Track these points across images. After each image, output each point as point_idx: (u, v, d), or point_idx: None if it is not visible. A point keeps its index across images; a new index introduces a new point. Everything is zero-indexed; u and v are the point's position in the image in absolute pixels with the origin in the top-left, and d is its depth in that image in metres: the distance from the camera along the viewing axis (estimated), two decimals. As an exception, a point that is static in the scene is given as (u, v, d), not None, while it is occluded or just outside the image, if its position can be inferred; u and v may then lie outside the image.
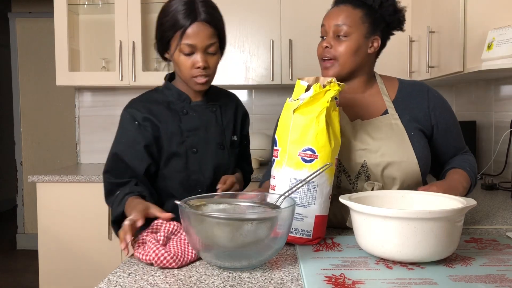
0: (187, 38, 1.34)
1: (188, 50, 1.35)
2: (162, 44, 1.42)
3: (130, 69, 2.96)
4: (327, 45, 1.34)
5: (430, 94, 1.40)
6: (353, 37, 1.33)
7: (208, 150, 1.47)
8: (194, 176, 1.45)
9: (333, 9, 1.38)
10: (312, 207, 1.14)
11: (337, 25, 1.33)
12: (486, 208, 1.66)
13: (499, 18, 2.01)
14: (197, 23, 1.34)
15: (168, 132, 1.43)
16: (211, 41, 1.36)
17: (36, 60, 4.72)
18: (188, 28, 1.33)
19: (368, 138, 1.32)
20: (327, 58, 1.35)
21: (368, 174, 1.30)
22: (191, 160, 1.44)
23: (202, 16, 1.34)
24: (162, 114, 1.44)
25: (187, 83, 1.43)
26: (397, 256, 0.99)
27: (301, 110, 1.15)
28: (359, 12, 1.34)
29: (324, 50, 1.35)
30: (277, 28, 2.88)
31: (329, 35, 1.35)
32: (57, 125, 4.72)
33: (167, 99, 1.48)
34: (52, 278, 2.70)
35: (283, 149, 1.16)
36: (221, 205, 1.08)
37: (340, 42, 1.33)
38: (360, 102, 1.39)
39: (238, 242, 0.95)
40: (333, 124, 1.16)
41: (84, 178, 2.66)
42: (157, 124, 1.43)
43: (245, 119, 1.64)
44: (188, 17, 1.33)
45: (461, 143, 1.47)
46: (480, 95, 2.71)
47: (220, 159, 1.49)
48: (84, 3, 3.19)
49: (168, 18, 1.36)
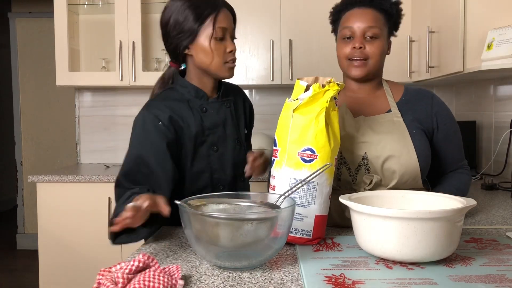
0: (220, 22, 1.36)
1: (221, 34, 1.37)
2: (183, 40, 1.37)
3: (130, 69, 2.96)
4: (360, 46, 1.36)
5: (434, 100, 1.43)
6: (381, 39, 1.38)
7: (227, 147, 1.46)
8: (216, 175, 1.44)
9: (356, 11, 1.39)
10: (312, 207, 1.14)
11: (370, 27, 1.36)
12: (486, 208, 1.66)
13: (499, 18, 2.01)
14: (224, 9, 1.39)
15: (192, 132, 1.39)
16: (234, 26, 1.43)
17: (36, 60, 4.72)
18: (219, 13, 1.37)
19: (370, 131, 1.35)
20: (358, 59, 1.37)
21: (368, 167, 1.32)
22: (212, 159, 1.43)
23: (225, 4, 1.41)
24: (184, 114, 1.39)
25: (217, 72, 1.39)
26: (397, 256, 0.99)
27: (301, 110, 1.15)
28: (382, 16, 1.39)
29: (354, 51, 1.37)
30: (277, 28, 2.89)
31: (357, 36, 1.37)
32: (57, 125, 4.72)
33: (185, 97, 1.43)
34: (52, 278, 2.70)
35: (282, 149, 1.16)
36: (221, 205, 1.08)
37: (371, 43, 1.37)
38: (365, 101, 1.43)
39: (238, 242, 0.95)
40: (332, 124, 1.16)
41: (84, 178, 2.66)
42: (181, 124, 1.38)
43: (252, 110, 1.65)
44: (215, 4, 1.37)
45: (459, 155, 1.48)
46: (480, 95, 2.71)
47: (237, 155, 1.48)
48: (84, 3, 3.19)
49: (188, 12, 1.36)
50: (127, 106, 3.35)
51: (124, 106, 3.35)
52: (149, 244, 1.21)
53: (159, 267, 0.92)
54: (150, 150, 1.33)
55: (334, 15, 1.47)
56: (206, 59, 1.38)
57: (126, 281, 0.87)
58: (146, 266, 0.92)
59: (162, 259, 1.08)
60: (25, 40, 4.72)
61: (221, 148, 1.44)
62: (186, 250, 1.15)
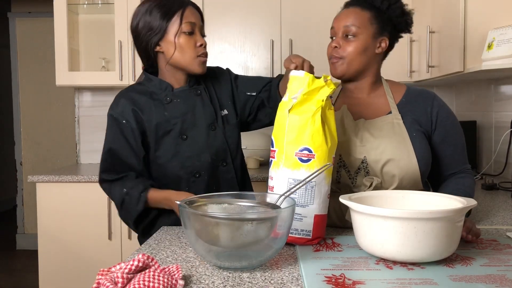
0: (187, 17, 1.43)
1: (190, 29, 1.43)
2: (153, 37, 1.44)
3: (130, 69, 2.95)
4: (336, 45, 1.38)
5: (435, 102, 1.41)
6: (361, 37, 1.36)
7: (198, 133, 1.48)
8: (188, 162, 1.47)
9: (342, 12, 1.42)
10: (311, 206, 1.14)
11: (346, 26, 1.36)
12: (486, 208, 1.66)
13: (499, 18, 2.01)
14: (190, 6, 1.46)
15: (153, 123, 1.45)
16: (202, 23, 1.49)
17: (36, 60, 4.72)
18: (186, 9, 1.44)
19: (370, 136, 1.34)
20: (335, 58, 1.38)
21: (367, 170, 1.31)
22: (183, 147, 1.46)
23: (190, 2, 1.48)
24: (146, 105, 1.47)
25: (189, 66, 1.45)
26: (397, 256, 0.98)
27: (296, 109, 1.15)
28: (368, 14, 1.37)
29: (333, 50, 1.39)
30: (277, 28, 2.88)
31: (338, 35, 1.39)
32: (57, 125, 4.72)
33: (149, 90, 1.50)
34: (52, 278, 2.70)
35: (279, 150, 1.16)
36: (221, 205, 1.08)
37: (348, 42, 1.37)
38: (365, 102, 1.42)
39: (238, 242, 0.95)
40: (329, 123, 1.16)
41: (84, 178, 2.66)
42: (141, 116, 1.45)
43: (227, 78, 1.61)
44: (181, 1, 1.45)
45: (461, 158, 1.43)
46: (480, 95, 2.71)
47: (213, 140, 1.50)
48: (84, 3, 3.19)
49: (155, 11, 1.43)
50: (127, 106, 3.34)
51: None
52: (149, 244, 1.21)
53: (159, 267, 0.92)
54: (117, 144, 1.46)
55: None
56: (177, 54, 1.43)
57: (126, 281, 0.87)
58: (146, 266, 0.91)
59: (162, 259, 1.08)
60: (25, 40, 4.72)
61: (191, 135, 1.47)
62: (186, 250, 1.15)
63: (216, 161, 1.50)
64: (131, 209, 1.43)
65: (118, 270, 0.89)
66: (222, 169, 1.52)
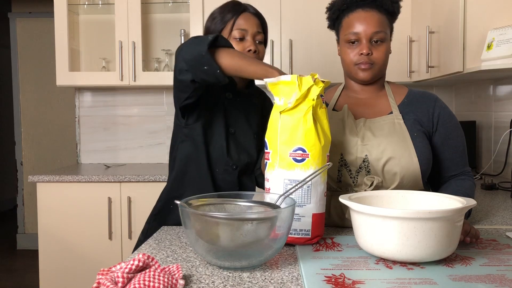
0: (239, 24, 1.48)
1: (240, 35, 1.48)
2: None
3: (130, 69, 2.96)
4: (368, 52, 1.35)
5: (437, 103, 1.41)
6: (386, 42, 1.38)
7: (244, 135, 1.55)
8: (231, 153, 1.51)
9: (360, 14, 1.37)
10: (308, 205, 1.14)
11: (376, 32, 1.35)
12: (486, 208, 1.66)
13: (499, 18, 2.01)
14: (246, 13, 1.51)
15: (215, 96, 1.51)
16: (260, 30, 1.51)
17: (36, 60, 4.72)
18: (239, 16, 1.49)
19: (371, 134, 1.34)
20: (365, 63, 1.37)
21: (369, 169, 1.32)
22: (228, 138, 1.51)
23: (251, 9, 1.53)
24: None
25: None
26: (397, 256, 0.99)
27: (288, 110, 1.15)
28: (385, 17, 1.38)
29: (361, 57, 1.36)
30: (277, 28, 2.89)
31: (364, 41, 1.35)
32: (57, 125, 4.72)
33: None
34: (52, 278, 2.70)
35: (274, 151, 1.16)
36: (222, 205, 1.08)
37: (376, 47, 1.36)
38: (366, 102, 1.43)
39: (238, 242, 0.95)
40: (321, 121, 1.16)
41: (84, 178, 2.66)
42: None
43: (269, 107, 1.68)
44: (237, 9, 1.51)
45: (461, 161, 1.43)
46: (480, 95, 2.71)
47: (250, 146, 1.56)
48: (84, 3, 3.19)
49: (217, 16, 1.52)
50: (127, 106, 3.35)
51: (124, 106, 3.35)
52: (149, 244, 1.21)
53: (159, 267, 0.92)
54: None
55: (334, 13, 1.43)
56: None
57: (126, 280, 0.86)
58: (146, 266, 0.91)
59: (162, 259, 1.08)
60: (25, 40, 4.72)
61: (238, 133, 1.53)
62: (186, 250, 1.15)
63: (249, 166, 1.57)
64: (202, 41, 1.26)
65: (119, 269, 0.89)
66: (247, 177, 1.59)
